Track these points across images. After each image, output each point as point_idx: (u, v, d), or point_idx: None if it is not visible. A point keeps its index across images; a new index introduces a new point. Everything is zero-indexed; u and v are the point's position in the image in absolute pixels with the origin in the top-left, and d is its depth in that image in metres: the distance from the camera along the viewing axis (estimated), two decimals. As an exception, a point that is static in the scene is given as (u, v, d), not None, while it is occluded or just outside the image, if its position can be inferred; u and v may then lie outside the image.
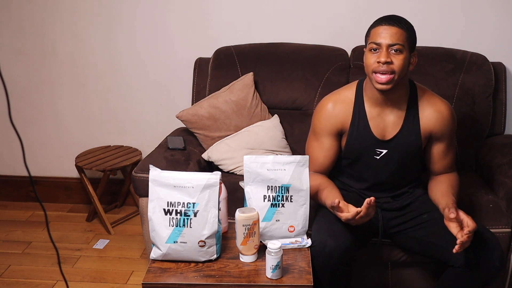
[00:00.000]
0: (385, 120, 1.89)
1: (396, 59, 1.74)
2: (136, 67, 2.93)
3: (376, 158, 1.91)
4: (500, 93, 2.51)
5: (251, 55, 2.62)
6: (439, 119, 1.88)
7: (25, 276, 2.49)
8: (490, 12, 2.61)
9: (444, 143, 1.93)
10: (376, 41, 1.76)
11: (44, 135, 3.11)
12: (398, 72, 1.75)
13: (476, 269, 1.74)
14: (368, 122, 1.89)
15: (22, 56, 2.98)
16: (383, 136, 1.90)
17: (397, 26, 1.76)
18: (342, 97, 1.93)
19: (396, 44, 1.74)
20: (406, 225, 1.93)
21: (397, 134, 1.89)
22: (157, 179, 1.68)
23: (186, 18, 2.82)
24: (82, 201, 3.19)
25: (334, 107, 1.92)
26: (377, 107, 1.88)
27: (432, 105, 1.89)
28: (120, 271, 2.53)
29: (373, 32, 1.79)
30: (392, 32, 1.74)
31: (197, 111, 2.50)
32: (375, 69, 1.76)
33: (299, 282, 1.61)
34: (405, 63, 1.76)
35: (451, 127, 1.91)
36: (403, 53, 1.75)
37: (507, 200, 2.09)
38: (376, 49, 1.76)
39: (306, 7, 2.72)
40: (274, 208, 1.79)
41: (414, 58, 1.83)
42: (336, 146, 1.95)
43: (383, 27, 1.76)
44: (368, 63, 1.78)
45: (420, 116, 1.88)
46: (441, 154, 1.94)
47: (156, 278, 1.64)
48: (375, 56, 1.76)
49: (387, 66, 1.74)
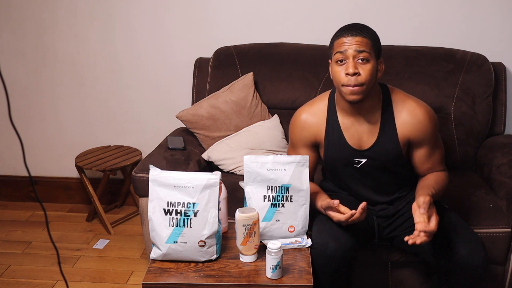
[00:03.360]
0: (360, 130, 1.84)
1: (364, 70, 1.70)
2: (136, 67, 2.94)
3: (356, 166, 1.88)
4: (500, 93, 2.51)
5: (251, 55, 2.62)
6: (415, 124, 1.80)
7: (25, 276, 2.50)
8: (490, 12, 2.61)
9: (426, 147, 1.85)
10: (341, 50, 1.71)
11: (44, 135, 3.11)
12: (367, 82, 1.71)
13: (459, 275, 1.72)
14: (342, 133, 1.85)
15: (22, 56, 2.98)
16: (359, 146, 1.85)
17: (360, 35, 1.71)
18: (315, 109, 1.90)
19: (362, 52, 1.70)
20: (399, 229, 1.92)
21: (374, 143, 1.84)
22: (157, 179, 1.69)
23: (186, 18, 2.82)
24: (82, 201, 3.19)
25: (307, 119, 1.89)
26: (351, 117, 1.84)
27: (407, 110, 1.81)
28: (120, 271, 2.54)
29: (337, 43, 1.74)
30: (356, 41, 1.70)
31: (197, 111, 2.50)
32: (344, 82, 1.72)
33: (299, 282, 1.61)
34: (373, 72, 1.72)
35: (430, 129, 1.82)
36: (370, 62, 1.71)
37: (507, 200, 2.09)
38: (342, 60, 1.72)
39: (306, 7, 2.72)
40: (274, 208, 1.79)
41: (381, 65, 1.79)
42: (313, 156, 1.92)
43: (347, 38, 1.71)
44: (336, 76, 1.74)
45: (396, 122, 1.81)
46: (424, 157, 1.86)
47: (156, 278, 1.64)
48: (343, 67, 1.71)
49: (355, 79, 1.70)
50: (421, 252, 1.85)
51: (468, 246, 1.72)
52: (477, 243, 1.74)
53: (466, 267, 1.70)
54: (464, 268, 1.71)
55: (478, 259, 1.70)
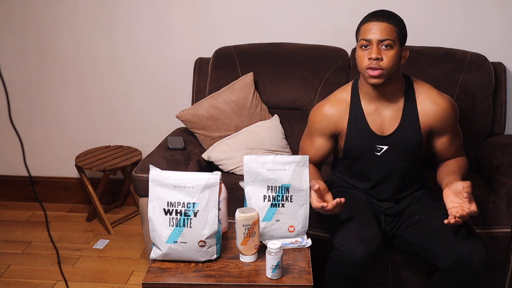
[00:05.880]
0: (382, 115, 1.89)
1: (386, 55, 1.75)
2: (136, 67, 2.94)
3: (377, 154, 1.91)
4: (500, 93, 2.51)
5: (251, 55, 2.62)
6: (438, 113, 1.87)
7: (25, 276, 2.50)
8: (490, 12, 2.61)
9: (448, 136, 1.92)
10: (366, 37, 1.76)
11: (44, 135, 3.11)
12: (389, 68, 1.76)
13: (460, 273, 1.72)
14: (365, 118, 1.89)
15: (23, 56, 2.98)
16: (382, 131, 1.89)
17: (386, 21, 1.76)
18: (338, 98, 1.95)
19: (386, 40, 1.75)
20: (400, 228, 1.93)
21: (396, 129, 1.88)
22: (157, 179, 1.68)
23: (186, 18, 2.82)
24: (82, 201, 3.19)
25: (331, 108, 1.93)
26: (374, 103, 1.89)
27: (430, 99, 1.88)
28: (120, 271, 2.54)
29: (363, 29, 1.79)
30: (381, 28, 1.75)
31: (197, 111, 2.50)
32: (366, 65, 1.77)
33: (299, 282, 1.61)
34: (396, 58, 1.77)
35: (452, 119, 1.89)
36: (394, 48, 1.76)
37: (507, 200, 2.09)
38: (366, 46, 1.77)
39: (306, 7, 2.72)
40: (274, 208, 1.79)
41: (406, 51, 1.84)
42: (327, 147, 1.97)
43: (373, 23, 1.77)
44: (360, 60, 1.80)
45: (418, 110, 1.87)
46: (445, 146, 1.94)
47: (156, 278, 1.64)
48: (366, 52, 1.77)
49: (377, 63, 1.75)
50: (421, 252, 1.85)
51: (468, 245, 1.72)
52: (477, 242, 1.74)
53: (466, 266, 1.71)
54: (464, 267, 1.71)
55: (478, 258, 1.70)
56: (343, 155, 1.98)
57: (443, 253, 1.74)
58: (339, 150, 2.00)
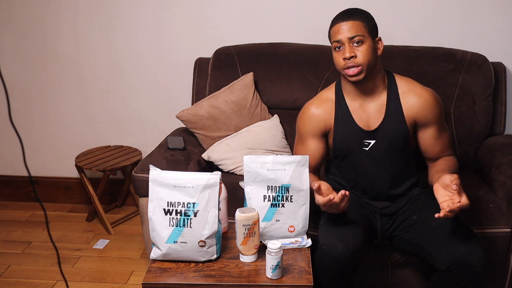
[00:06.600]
0: (367, 110, 1.91)
1: (360, 51, 1.79)
2: (136, 67, 2.94)
3: (366, 150, 1.92)
4: (500, 93, 2.51)
5: (251, 55, 2.62)
6: (421, 103, 1.88)
7: (25, 276, 2.50)
8: (490, 12, 2.61)
9: (433, 128, 1.92)
10: (337, 39, 1.81)
11: (44, 135, 3.11)
12: (365, 62, 1.79)
13: (458, 274, 1.72)
14: (351, 114, 1.92)
15: (23, 56, 2.98)
16: (368, 126, 1.91)
17: (352, 19, 1.81)
18: (323, 98, 1.99)
19: (355, 36, 1.79)
20: (399, 228, 1.93)
21: (381, 123, 1.90)
22: (157, 179, 1.69)
23: (186, 18, 2.82)
24: (82, 201, 3.19)
25: (317, 109, 1.96)
26: (358, 100, 1.92)
27: (413, 92, 1.90)
28: (120, 271, 2.54)
29: (332, 32, 1.85)
30: (349, 26, 1.80)
31: (197, 111, 2.50)
32: (343, 66, 1.81)
33: (299, 282, 1.61)
34: (370, 52, 1.80)
35: (436, 111, 1.90)
36: (365, 43, 1.80)
37: (507, 200, 2.09)
38: (340, 47, 1.82)
39: (306, 7, 2.72)
40: (274, 208, 1.79)
41: (380, 42, 1.87)
42: (321, 147, 1.98)
43: (339, 24, 1.82)
44: (337, 62, 1.85)
45: (402, 103, 1.89)
46: (432, 139, 1.94)
47: (156, 278, 1.65)
48: (340, 53, 1.82)
49: (352, 61, 1.79)
50: (421, 252, 1.85)
51: (467, 246, 1.72)
52: (476, 243, 1.74)
53: (464, 268, 1.71)
54: (462, 269, 1.71)
55: (476, 259, 1.70)
56: (333, 154, 2.00)
57: (441, 254, 1.75)
58: (329, 150, 2.01)
